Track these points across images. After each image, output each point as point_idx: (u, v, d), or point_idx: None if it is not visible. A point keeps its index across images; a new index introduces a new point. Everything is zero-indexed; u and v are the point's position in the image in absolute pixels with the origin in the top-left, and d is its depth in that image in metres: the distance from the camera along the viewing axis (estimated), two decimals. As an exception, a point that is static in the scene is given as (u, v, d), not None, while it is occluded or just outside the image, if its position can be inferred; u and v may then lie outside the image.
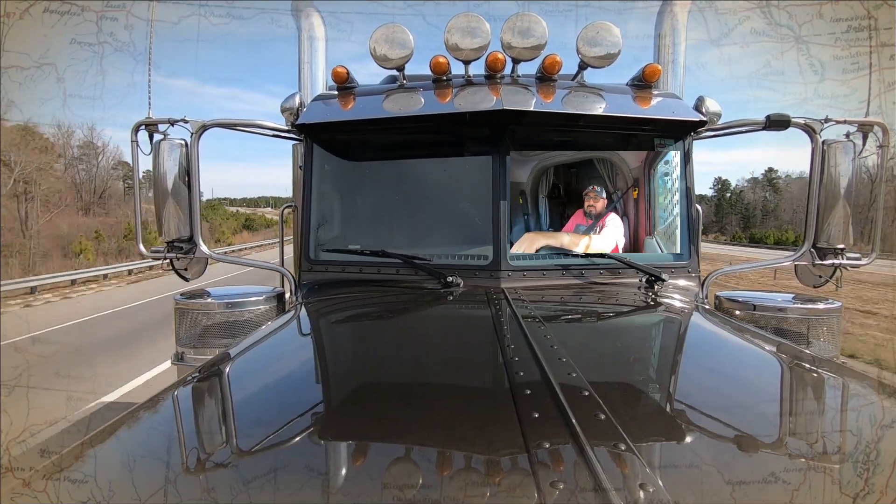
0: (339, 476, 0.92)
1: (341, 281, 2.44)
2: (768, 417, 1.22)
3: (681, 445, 1.02)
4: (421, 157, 2.70)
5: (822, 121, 2.40)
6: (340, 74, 2.59)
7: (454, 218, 2.59)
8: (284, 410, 1.22)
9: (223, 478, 0.93)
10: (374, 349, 1.76)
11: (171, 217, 2.46)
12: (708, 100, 2.58)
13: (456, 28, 2.34)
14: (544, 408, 1.02)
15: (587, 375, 1.18)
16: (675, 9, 2.90)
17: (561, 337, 1.50)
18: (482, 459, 0.92)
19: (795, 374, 1.57)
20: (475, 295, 2.15)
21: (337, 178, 2.73)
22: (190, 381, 1.46)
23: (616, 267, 2.37)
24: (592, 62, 2.43)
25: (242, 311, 2.60)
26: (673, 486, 0.82)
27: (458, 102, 2.35)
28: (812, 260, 2.49)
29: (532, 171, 3.73)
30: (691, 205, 2.59)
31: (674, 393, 1.35)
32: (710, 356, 1.73)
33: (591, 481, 0.79)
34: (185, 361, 2.61)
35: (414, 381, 1.40)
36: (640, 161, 2.96)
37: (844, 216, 2.38)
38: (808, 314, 2.41)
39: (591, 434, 0.92)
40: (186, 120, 2.48)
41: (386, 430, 1.08)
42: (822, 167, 2.40)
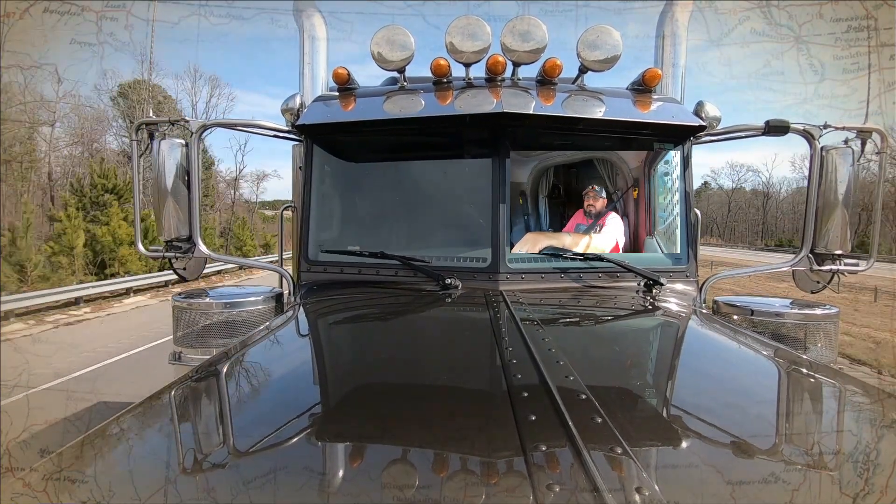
0: (337, 477, 0.93)
1: (340, 282, 2.44)
2: (765, 421, 1.22)
3: (677, 449, 1.02)
4: (421, 159, 2.70)
5: (820, 127, 2.40)
6: (341, 76, 2.60)
7: (453, 220, 2.59)
8: (282, 411, 1.22)
9: (221, 478, 0.93)
10: (372, 350, 1.76)
11: (171, 217, 2.47)
12: (707, 104, 2.58)
13: (456, 30, 2.34)
14: (541, 410, 1.03)
15: (584, 379, 1.18)
16: (676, 10, 2.89)
17: (559, 340, 1.50)
18: (479, 461, 0.92)
19: (792, 379, 1.58)
20: (473, 297, 2.15)
21: (337, 179, 2.73)
22: (188, 381, 1.46)
23: (614, 270, 2.37)
24: (592, 66, 2.43)
25: (241, 312, 2.60)
26: (669, 490, 0.82)
27: (459, 105, 2.35)
28: (810, 265, 2.49)
29: (532, 172, 3.73)
30: (690, 209, 2.59)
31: (671, 397, 1.35)
32: (707, 360, 1.73)
33: (588, 484, 0.80)
34: (182, 361, 2.61)
35: (412, 383, 1.40)
36: (640, 161, 2.96)
37: (843, 222, 2.38)
38: (806, 319, 2.40)
39: (588, 437, 0.92)
40: (187, 120, 2.49)
41: (383, 432, 1.08)
42: (820, 172, 2.40)
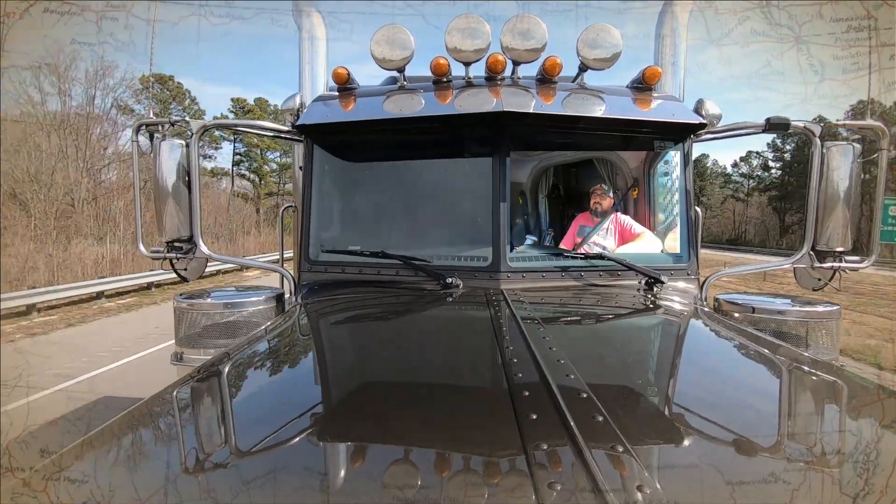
0: (338, 476, 0.93)
1: (341, 282, 2.44)
2: (766, 419, 1.22)
3: (678, 447, 1.02)
4: (421, 159, 2.71)
5: (821, 124, 2.40)
6: (341, 75, 2.60)
7: (454, 219, 2.59)
8: (283, 411, 1.22)
9: (222, 478, 0.93)
10: (373, 350, 1.76)
11: (172, 217, 2.46)
12: (708, 102, 2.58)
13: (456, 30, 2.35)
14: (542, 409, 1.03)
15: (585, 377, 1.18)
16: (676, 9, 2.90)
17: (560, 339, 1.50)
18: (480, 460, 0.92)
19: (794, 377, 1.58)
20: (474, 296, 2.15)
21: (337, 178, 2.73)
22: (189, 382, 1.46)
23: (615, 269, 2.37)
24: (592, 64, 2.43)
25: (242, 312, 2.60)
26: (670, 488, 0.82)
27: (459, 104, 2.35)
28: (811, 263, 2.49)
29: (532, 171, 3.73)
30: (690, 207, 2.59)
31: (672, 395, 1.35)
32: (708, 358, 1.74)
33: (589, 483, 0.80)
34: (184, 362, 2.61)
35: (413, 382, 1.40)
36: (640, 161, 2.96)
37: (844, 219, 2.38)
38: (807, 317, 2.41)
39: (589, 436, 0.92)
40: (187, 120, 2.49)
41: (384, 431, 1.08)
42: (821, 170, 2.40)
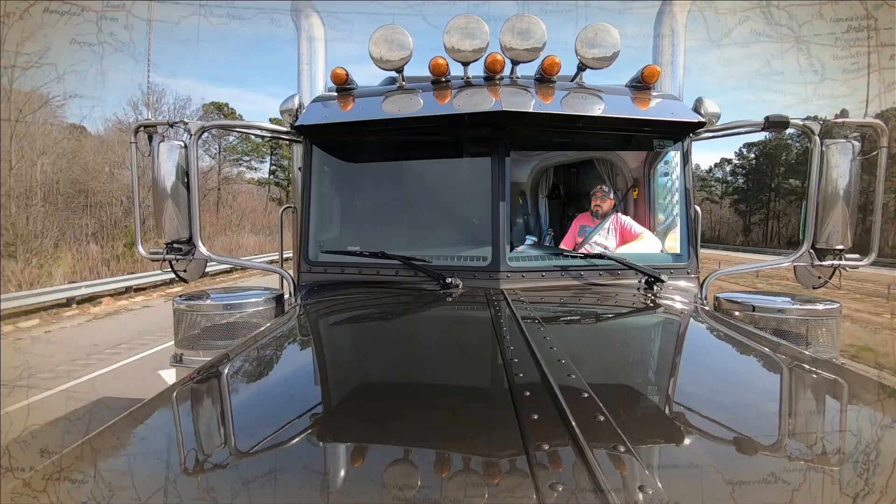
0: (339, 477, 0.92)
1: (340, 282, 2.44)
2: (767, 418, 1.22)
3: (680, 447, 1.02)
4: (420, 159, 2.70)
5: (820, 122, 2.40)
6: (340, 76, 2.59)
7: (453, 219, 2.59)
8: (284, 411, 1.22)
9: (222, 479, 0.93)
10: (373, 350, 1.76)
11: (171, 219, 2.46)
12: (707, 101, 2.58)
13: (455, 29, 2.34)
14: (543, 409, 1.02)
15: (586, 377, 1.18)
16: (675, 9, 2.90)
17: (560, 338, 1.50)
18: (481, 460, 0.92)
19: (795, 375, 1.57)
20: (474, 296, 2.14)
21: (336, 179, 2.73)
22: (189, 383, 1.46)
23: (615, 268, 2.37)
24: (591, 63, 2.43)
25: (241, 313, 2.59)
26: (672, 488, 0.82)
27: (458, 104, 2.35)
28: (811, 261, 2.48)
29: (531, 171, 3.72)
30: (690, 206, 2.59)
31: (673, 394, 1.35)
32: (709, 357, 1.73)
33: (591, 482, 0.79)
34: (184, 363, 2.60)
35: (413, 382, 1.40)
36: (640, 161, 2.96)
37: (843, 217, 2.38)
38: (808, 315, 2.40)
39: (591, 435, 0.92)
40: (186, 122, 2.48)
41: (385, 431, 1.08)
42: (820, 168, 2.40)
